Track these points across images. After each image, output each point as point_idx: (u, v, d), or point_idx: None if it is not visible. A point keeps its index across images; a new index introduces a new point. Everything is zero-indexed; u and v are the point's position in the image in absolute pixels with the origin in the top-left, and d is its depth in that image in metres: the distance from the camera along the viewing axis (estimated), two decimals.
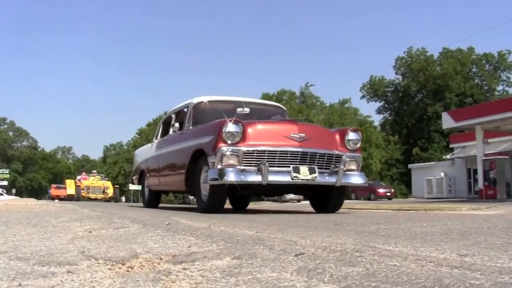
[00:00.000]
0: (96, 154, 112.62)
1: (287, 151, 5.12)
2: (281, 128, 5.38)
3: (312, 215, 5.63)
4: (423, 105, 46.68)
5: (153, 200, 8.15)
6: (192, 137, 5.97)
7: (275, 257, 1.86)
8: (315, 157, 5.25)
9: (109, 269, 1.75)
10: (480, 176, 20.87)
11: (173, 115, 7.32)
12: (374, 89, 50.59)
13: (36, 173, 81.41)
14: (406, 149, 46.05)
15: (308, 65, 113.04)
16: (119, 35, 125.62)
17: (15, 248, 2.28)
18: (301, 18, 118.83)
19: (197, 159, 5.63)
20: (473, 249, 2.07)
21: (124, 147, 74.08)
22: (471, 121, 19.82)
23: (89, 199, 26.17)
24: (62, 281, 1.55)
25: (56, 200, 22.77)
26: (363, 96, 51.74)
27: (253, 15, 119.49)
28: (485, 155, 20.95)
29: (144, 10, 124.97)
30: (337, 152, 5.44)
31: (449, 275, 1.47)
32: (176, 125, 6.74)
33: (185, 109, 6.77)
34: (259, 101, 8.00)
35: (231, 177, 4.88)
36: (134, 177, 9.11)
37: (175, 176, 6.48)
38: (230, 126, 5.03)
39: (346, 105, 47.83)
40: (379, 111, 51.94)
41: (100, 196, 26.91)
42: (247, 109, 5.91)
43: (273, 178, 4.97)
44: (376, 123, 50.29)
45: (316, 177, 5.12)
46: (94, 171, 35.25)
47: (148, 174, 7.99)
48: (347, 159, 5.48)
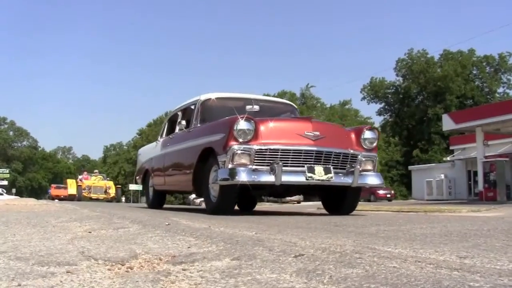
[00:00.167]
0: (96, 154, 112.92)
1: (301, 150, 4.91)
2: (295, 126, 5.19)
3: (312, 216, 5.62)
4: (423, 107, 46.65)
5: (157, 200, 7.98)
6: (200, 135, 5.77)
7: (274, 258, 1.86)
8: (330, 157, 5.05)
9: (109, 270, 1.75)
10: (480, 178, 20.85)
11: (179, 113, 7.12)
12: (374, 91, 50.56)
13: (36, 173, 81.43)
14: (406, 150, 46.04)
15: (309, 66, 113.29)
16: (119, 35, 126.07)
17: (14, 248, 2.28)
18: (301, 19, 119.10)
19: (205, 158, 5.44)
20: (473, 251, 2.07)
21: (124, 147, 74.16)
22: (471, 123, 19.81)
23: (91, 199, 25.97)
24: (61, 281, 1.55)
25: (56, 200, 22.70)
26: (363, 98, 51.73)
27: (253, 15, 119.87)
28: (485, 157, 20.95)
29: (144, 10, 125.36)
30: (353, 151, 5.24)
31: (449, 277, 1.47)
32: (183, 122, 6.50)
33: (192, 106, 6.56)
34: (269, 98, 7.67)
35: (243, 177, 4.67)
36: (138, 177, 8.89)
37: (182, 175, 6.29)
38: (242, 124, 4.83)
39: (347, 107, 47.91)
40: (379, 113, 51.95)
41: (101, 196, 26.71)
42: (256, 107, 5.70)
43: (286, 178, 4.77)
44: (377, 125, 50.27)
45: (331, 177, 4.93)
46: (96, 171, 34.97)
47: (152, 174, 7.80)
48: (363, 159, 5.27)
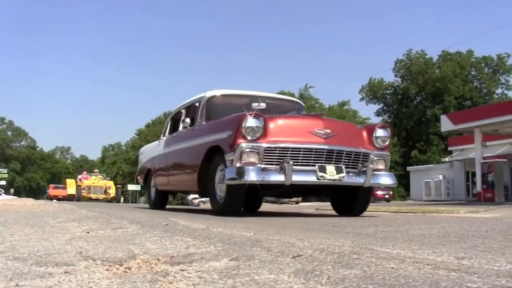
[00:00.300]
0: (94, 155, 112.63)
1: (311, 149, 4.74)
2: (305, 124, 5.02)
3: (310, 217, 5.63)
4: (422, 108, 46.72)
5: (159, 200, 7.79)
6: (206, 133, 5.59)
7: (272, 259, 1.86)
8: (342, 156, 4.88)
9: (107, 270, 1.75)
10: (478, 179, 20.88)
11: (183, 110, 6.93)
12: (373, 91, 50.63)
13: (35, 173, 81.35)
14: (405, 151, 46.07)
15: (308, 67, 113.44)
16: (119, 35, 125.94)
17: (12, 248, 2.28)
18: (301, 19, 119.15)
19: (211, 157, 5.27)
20: (471, 252, 2.08)
21: (123, 147, 74.20)
22: (469, 124, 19.84)
23: (90, 199, 25.56)
24: (59, 282, 1.55)
25: (54, 200, 22.60)
26: (362, 98, 51.82)
27: (253, 15, 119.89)
28: (484, 158, 20.99)
29: (144, 10, 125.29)
30: (364, 150, 5.07)
31: (447, 278, 1.47)
32: (187, 120, 6.32)
33: (197, 104, 6.38)
34: (276, 96, 7.41)
35: (251, 177, 4.49)
36: (139, 177, 8.68)
37: (186, 175, 6.12)
38: (251, 121, 4.65)
39: (345, 107, 47.94)
40: (378, 114, 52.01)
41: (101, 196, 26.29)
42: (263, 104, 5.50)
43: (297, 178, 4.60)
44: None
45: (343, 177, 4.76)
46: (96, 170, 34.49)
47: (155, 174, 7.62)
48: (375, 158, 5.10)
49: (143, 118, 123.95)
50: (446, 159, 32.38)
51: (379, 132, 5.24)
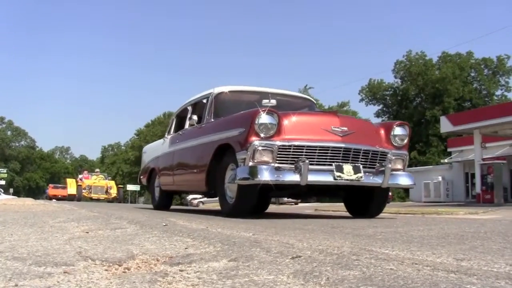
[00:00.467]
0: (94, 155, 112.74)
1: (328, 147, 4.52)
2: (321, 121, 4.78)
3: (310, 218, 5.63)
4: (421, 109, 46.72)
5: (164, 201, 7.60)
6: (215, 131, 5.35)
7: (271, 259, 1.86)
8: (359, 154, 4.67)
9: (106, 270, 1.75)
10: (477, 180, 20.87)
11: (189, 107, 6.68)
12: (372, 92, 50.62)
13: (34, 173, 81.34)
14: None
15: (307, 67, 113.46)
16: (119, 35, 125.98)
17: (11, 248, 2.28)
18: (301, 20, 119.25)
19: (221, 156, 5.06)
20: (470, 253, 2.08)
21: (122, 147, 74.16)
22: (469, 125, 19.84)
23: (91, 199, 25.10)
24: (58, 282, 1.55)
25: (53, 200, 22.48)
26: (361, 99, 51.76)
27: (253, 15, 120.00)
28: (483, 159, 20.98)
29: (144, 10, 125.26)
30: (382, 149, 4.86)
31: (446, 280, 1.47)
32: (194, 117, 6.07)
33: (205, 100, 6.15)
34: (286, 92, 7.07)
35: (265, 176, 4.26)
36: (142, 176, 8.42)
37: (194, 174, 5.85)
38: (264, 117, 4.43)
39: (345, 108, 47.81)
40: (377, 115, 51.95)
41: (102, 196, 25.79)
42: (273, 101, 5.27)
43: (313, 178, 4.38)
44: None
45: (361, 177, 4.54)
46: (97, 170, 33.88)
47: (159, 173, 7.35)
48: (393, 157, 4.89)
49: (143, 118, 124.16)
50: (446, 160, 32.36)
51: (397, 130, 5.05)
